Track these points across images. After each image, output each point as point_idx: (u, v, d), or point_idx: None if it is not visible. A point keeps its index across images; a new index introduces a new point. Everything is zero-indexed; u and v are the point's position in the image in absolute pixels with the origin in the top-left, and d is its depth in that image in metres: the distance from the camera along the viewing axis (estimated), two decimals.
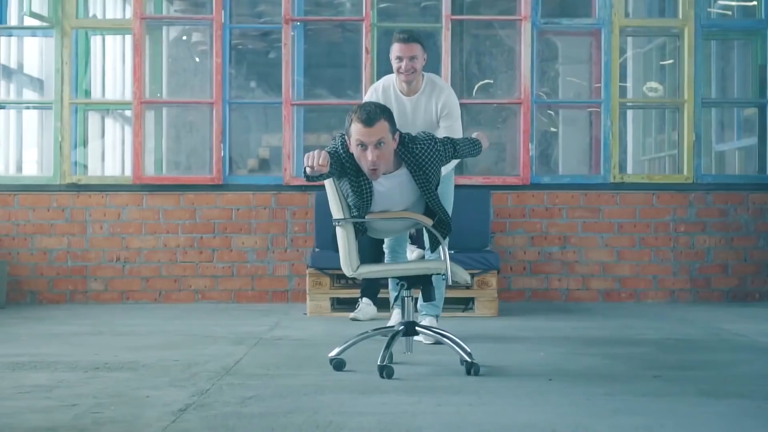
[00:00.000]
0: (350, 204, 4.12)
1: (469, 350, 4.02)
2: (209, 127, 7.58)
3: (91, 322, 6.08)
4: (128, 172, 11.30)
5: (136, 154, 7.35)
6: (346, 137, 4.07)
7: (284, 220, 7.32)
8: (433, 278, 4.17)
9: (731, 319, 6.23)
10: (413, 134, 4.23)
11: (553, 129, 12.56)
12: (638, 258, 7.37)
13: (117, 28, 8.07)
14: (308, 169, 3.83)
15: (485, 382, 3.79)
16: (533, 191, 7.39)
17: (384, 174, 4.08)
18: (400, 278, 4.17)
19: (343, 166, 4.04)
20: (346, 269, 4.11)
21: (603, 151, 7.40)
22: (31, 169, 8.66)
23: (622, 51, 10.64)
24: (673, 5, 7.92)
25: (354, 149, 4.02)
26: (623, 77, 11.23)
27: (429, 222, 4.12)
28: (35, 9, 7.43)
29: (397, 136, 4.09)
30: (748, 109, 8.15)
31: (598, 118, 7.62)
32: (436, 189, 4.18)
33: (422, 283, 4.14)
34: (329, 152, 3.97)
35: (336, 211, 4.13)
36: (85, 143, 7.71)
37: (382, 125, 3.98)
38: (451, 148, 4.35)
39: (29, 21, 7.60)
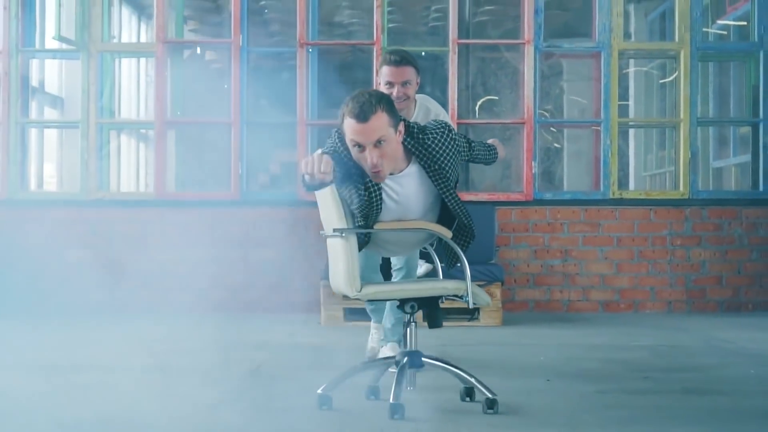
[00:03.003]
0: (353, 211, 3.53)
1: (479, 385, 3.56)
2: (226, 144, 7.95)
3: (119, 329, 6.46)
4: (142, 183, 11.75)
5: (158, 171, 7.73)
6: (342, 135, 3.48)
7: (299, 234, 7.69)
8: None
9: (724, 327, 6.57)
10: (422, 125, 3.64)
11: (557, 144, 12.96)
12: (636, 270, 7.73)
13: (140, 51, 8.50)
14: (308, 177, 3.25)
15: (485, 382, 4.14)
16: (536, 207, 7.75)
17: (392, 174, 3.51)
18: (408, 300, 3.54)
19: (347, 166, 3.45)
20: (348, 289, 3.46)
21: (602, 168, 7.76)
22: (51, 184, 9.08)
23: (624, 68, 11.03)
24: (670, 28, 8.30)
25: (351, 150, 3.43)
26: (625, 95, 11.67)
27: (448, 234, 3.55)
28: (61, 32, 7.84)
29: (402, 127, 3.47)
30: (744, 127, 8.51)
31: (599, 135, 7.98)
32: (456, 187, 3.62)
33: (428, 306, 3.56)
34: (328, 153, 3.42)
35: (336, 219, 3.47)
36: (108, 160, 8.11)
37: (380, 119, 3.36)
38: (466, 144, 3.80)
39: (51, 44, 8.00)
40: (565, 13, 11.49)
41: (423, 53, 9.67)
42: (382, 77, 4.65)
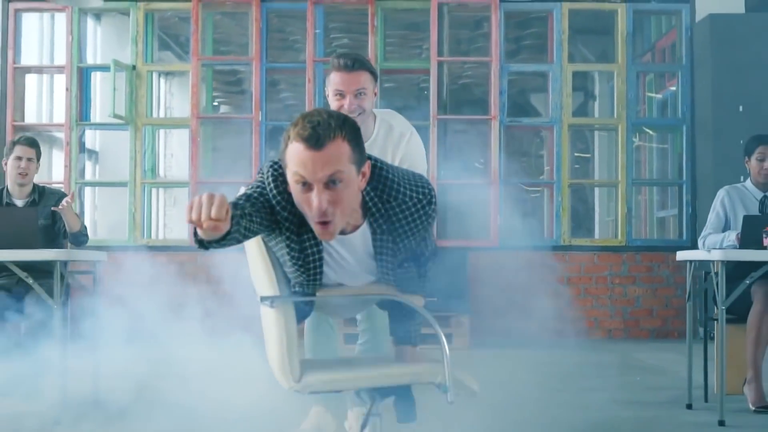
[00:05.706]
0: (288, 274, 2.73)
1: None
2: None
3: (166, 347, 8.11)
4: (161, 227, 13.50)
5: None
6: (283, 166, 2.54)
7: None
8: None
9: (645, 350, 8.27)
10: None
11: (534, 195, 14.72)
12: (583, 304, 9.45)
13: (177, 124, 10.27)
14: (200, 231, 2.29)
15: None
16: (502, 251, 9.47)
17: (342, 233, 2.62)
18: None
19: (273, 213, 2.55)
20: (282, 377, 2.64)
21: (555, 221, 9.50)
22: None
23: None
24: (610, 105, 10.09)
25: (292, 188, 2.51)
26: (590, 149, 13.45)
27: (419, 302, 2.81)
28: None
29: (367, 168, 2.55)
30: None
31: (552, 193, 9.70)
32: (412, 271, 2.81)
33: (398, 394, 2.79)
34: (253, 194, 2.56)
35: (266, 282, 2.67)
36: (150, 214, 9.87)
37: (339, 148, 2.45)
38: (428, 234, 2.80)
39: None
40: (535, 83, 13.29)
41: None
42: (330, 86, 3.72)
